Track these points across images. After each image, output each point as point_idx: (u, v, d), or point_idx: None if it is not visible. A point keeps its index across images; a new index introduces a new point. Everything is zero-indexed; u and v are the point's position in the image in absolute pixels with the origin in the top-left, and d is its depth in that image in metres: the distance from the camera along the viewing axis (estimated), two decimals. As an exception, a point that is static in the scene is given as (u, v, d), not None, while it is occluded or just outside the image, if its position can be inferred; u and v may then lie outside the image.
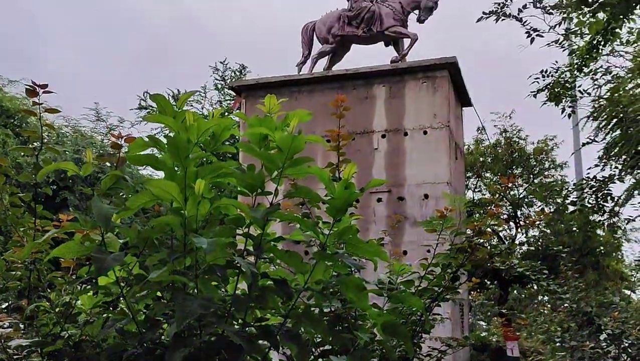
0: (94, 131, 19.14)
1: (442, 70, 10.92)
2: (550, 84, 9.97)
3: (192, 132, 1.98)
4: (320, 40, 12.37)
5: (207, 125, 2.02)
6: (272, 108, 2.33)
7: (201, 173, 2.00)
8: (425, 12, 11.72)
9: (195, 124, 2.01)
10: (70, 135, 16.27)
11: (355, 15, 11.96)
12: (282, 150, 1.98)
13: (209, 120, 2.24)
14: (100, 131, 19.70)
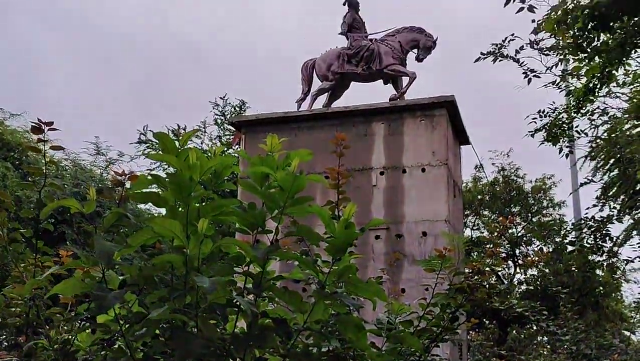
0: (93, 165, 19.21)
1: (440, 108, 11.04)
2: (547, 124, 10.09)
3: (194, 170, 2.02)
4: (320, 77, 12.53)
5: (210, 163, 2.06)
6: (273, 148, 2.37)
7: (203, 211, 2.02)
8: (424, 51, 11.91)
9: (197, 163, 2.04)
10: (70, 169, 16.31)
11: (354, 53, 12.15)
12: (284, 189, 2.00)
13: (211, 158, 2.27)
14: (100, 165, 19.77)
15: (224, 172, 2.35)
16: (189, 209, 1.96)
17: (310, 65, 12.68)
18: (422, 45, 11.86)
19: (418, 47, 11.95)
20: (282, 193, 2.01)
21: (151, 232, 1.97)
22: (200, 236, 1.89)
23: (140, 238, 1.99)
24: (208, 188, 2.34)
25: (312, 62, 12.66)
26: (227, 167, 2.32)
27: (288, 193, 1.98)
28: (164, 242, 2.18)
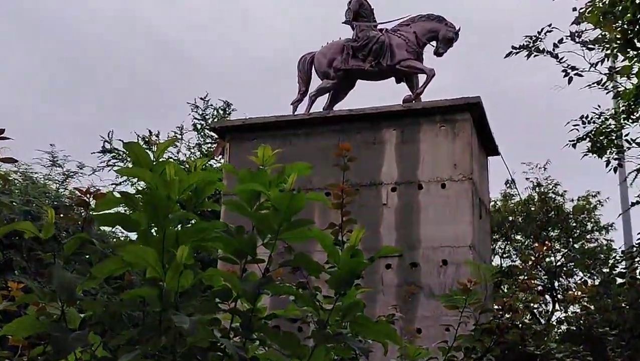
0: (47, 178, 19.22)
1: (463, 112, 11.10)
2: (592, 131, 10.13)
3: (172, 188, 2.04)
4: (320, 74, 12.60)
5: (191, 179, 2.08)
6: (265, 160, 2.39)
7: (182, 236, 2.04)
8: (444, 44, 12.00)
9: (176, 178, 2.06)
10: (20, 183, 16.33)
11: (361, 46, 12.22)
12: (278, 210, 2.02)
13: (192, 173, 2.30)
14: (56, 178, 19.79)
15: (207, 190, 2.37)
16: (166, 234, 1.98)
17: (309, 61, 12.76)
18: (442, 36, 11.95)
19: (437, 39, 12.04)
20: (277, 214, 2.03)
21: (120, 261, 1.99)
22: (179, 266, 1.91)
23: (107, 269, 2.01)
24: (188, 208, 2.36)
25: (311, 57, 12.74)
26: (211, 183, 2.34)
27: (284, 215, 2.00)
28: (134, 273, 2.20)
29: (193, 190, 2.26)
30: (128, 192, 2.23)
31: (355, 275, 2.09)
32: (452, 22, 12.13)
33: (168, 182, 2.03)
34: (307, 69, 12.77)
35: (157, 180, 2.03)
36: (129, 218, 2.12)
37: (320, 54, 12.63)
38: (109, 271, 2.02)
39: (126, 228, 2.20)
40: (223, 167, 2.74)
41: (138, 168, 2.13)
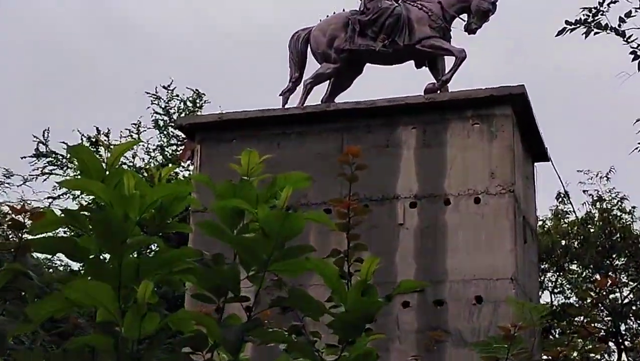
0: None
1: (503, 105, 11.12)
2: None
3: (131, 205, 2.04)
4: (318, 56, 12.63)
5: (156, 194, 2.09)
6: (251, 169, 2.40)
7: (144, 267, 2.05)
8: (478, 18, 12.03)
9: (136, 193, 2.07)
10: None
11: (371, 20, 12.26)
12: (268, 235, 2.03)
13: (157, 186, 2.30)
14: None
15: (175, 207, 2.38)
16: (123, 264, 1.98)
17: (303, 39, 12.79)
18: (475, 8, 11.99)
19: (469, 12, 12.08)
20: (266, 240, 2.03)
21: (63, 299, 1.99)
22: (142, 307, 1.91)
23: (46, 309, 2.01)
24: (150, 231, 2.37)
25: (306, 34, 12.78)
26: (180, 199, 2.35)
27: (275, 241, 2.01)
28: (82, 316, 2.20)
29: (157, 208, 2.27)
30: (73, 210, 2.23)
31: (368, 318, 2.09)
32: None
33: (126, 197, 2.03)
34: (301, 49, 12.79)
35: (111, 194, 2.03)
36: (75, 244, 2.12)
37: (318, 31, 12.66)
38: (48, 312, 2.01)
39: (71, 256, 2.21)
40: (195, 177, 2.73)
41: (87, 180, 2.14)
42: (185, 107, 23.26)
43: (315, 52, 12.67)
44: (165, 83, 23.56)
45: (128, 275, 2.01)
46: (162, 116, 23.15)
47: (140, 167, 21.74)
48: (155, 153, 22.84)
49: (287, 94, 12.64)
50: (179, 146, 22.09)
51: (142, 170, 21.07)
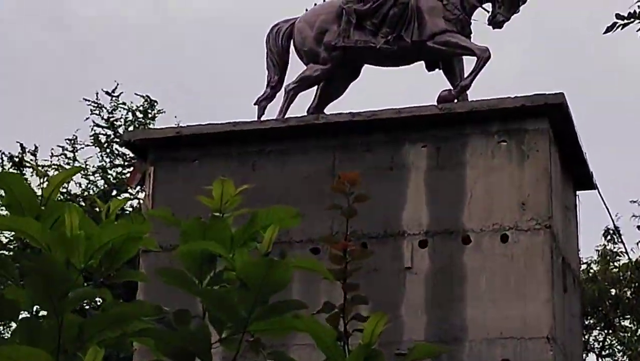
0: None
1: (537, 118, 11.18)
2: None
3: (75, 249, 2.05)
4: (304, 55, 12.67)
5: (107, 235, 2.09)
6: (226, 203, 2.41)
7: (90, 327, 2.05)
8: (507, 8, 12.09)
9: (81, 234, 2.08)
10: None
11: (371, 10, 12.32)
12: (249, 287, 2.04)
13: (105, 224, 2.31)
14: None
15: (128, 250, 2.38)
16: (64, 322, 1.98)
17: (285, 34, 12.82)
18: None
19: (494, 1, 12.14)
20: (245, 293, 2.04)
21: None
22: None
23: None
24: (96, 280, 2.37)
25: (289, 27, 12.82)
26: (134, 240, 2.35)
27: (257, 295, 2.02)
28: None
29: (107, 252, 2.27)
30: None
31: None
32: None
33: (68, 238, 2.04)
34: (282, 46, 12.83)
35: (50, 235, 2.04)
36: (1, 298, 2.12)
37: (303, 23, 12.69)
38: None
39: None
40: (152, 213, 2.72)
41: (17, 217, 2.14)
42: (134, 118, 23.24)
43: (299, 49, 12.70)
44: (108, 87, 23.55)
45: (69, 338, 2.01)
46: (105, 130, 23.11)
47: (77, 195, 21.65)
48: (96, 177, 22.79)
49: (264, 103, 12.65)
50: (126, 168, 22.05)
51: (79, 199, 20.98)
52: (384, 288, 10.76)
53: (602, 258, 21.12)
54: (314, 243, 10.91)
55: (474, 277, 10.84)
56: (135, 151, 12.82)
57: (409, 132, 11.48)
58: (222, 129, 11.96)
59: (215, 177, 2.61)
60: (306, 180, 11.23)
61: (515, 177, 11.06)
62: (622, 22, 9.00)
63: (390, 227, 11.19)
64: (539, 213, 10.87)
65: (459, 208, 11.11)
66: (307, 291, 9.85)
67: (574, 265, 12.68)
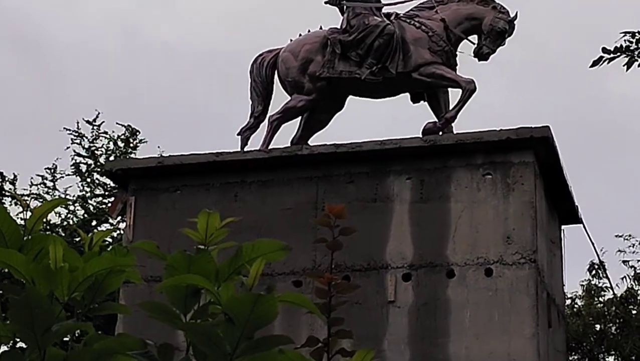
0: None
1: (523, 151, 11.21)
2: None
3: (59, 282, 2.05)
4: (288, 85, 12.69)
5: (92, 268, 2.09)
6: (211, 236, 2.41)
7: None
8: (492, 40, 12.16)
9: (65, 266, 2.08)
10: None
11: (356, 40, 12.35)
12: (235, 321, 2.04)
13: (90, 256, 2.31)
14: None
15: (112, 283, 2.39)
16: (47, 357, 1.98)
17: (269, 63, 12.84)
18: (488, 28, 12.14)
19: (479, 32, 12.23)
20: (231, 328, 2.04)
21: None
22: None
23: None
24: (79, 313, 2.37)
25: (273, 57, 12.84)
26: (118, 273, 2.36)
27: (242, 329, 2.02)
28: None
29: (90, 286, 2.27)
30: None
31: None
32: (504, 5, 12.34)
33: (52, 271, 2.04)
34: (266, 76, 12.85)
35: (33, 268, 2.04)
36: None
37: (288, 53, 12.72)
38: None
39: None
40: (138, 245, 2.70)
41: (1, 249, 2.14)
42: (115, 147, 23.22)
43: (284, 79, 12.72)
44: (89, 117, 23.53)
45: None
46: (86, 159, 23.08)
47: (56, 225, 21.58)
48: (76, 207, 22.73)
49: (248, 133, 12.65)
50: (107, 198, 22.00)
51: (58, 229, 20.91)
52: (367, 321, 10.74)
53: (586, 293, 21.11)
54: (296, 275, 10.89)
55: (458, 311, 10.83)
56: (116, 181, 12.81)
57: (393, 164, 11.50)
58: (204, 160, 11.95)
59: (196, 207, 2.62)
60: (289, 212, 11.22)
61: (500, 210, 11.08)
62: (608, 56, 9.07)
63: (373, 259, 11.18)
64: (524, 247, 10.88)
65: (443, 242, 11.11)
66: (288, 324, 9.83)
67: (558, 300, 12.69)
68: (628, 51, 9.07)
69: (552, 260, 12.24)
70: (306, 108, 12.55)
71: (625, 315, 20.02)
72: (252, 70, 12.91)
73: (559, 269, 12.93)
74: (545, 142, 11.22)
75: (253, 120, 12.71)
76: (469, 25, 12.31)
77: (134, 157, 20.65)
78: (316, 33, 12.76)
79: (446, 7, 12.40)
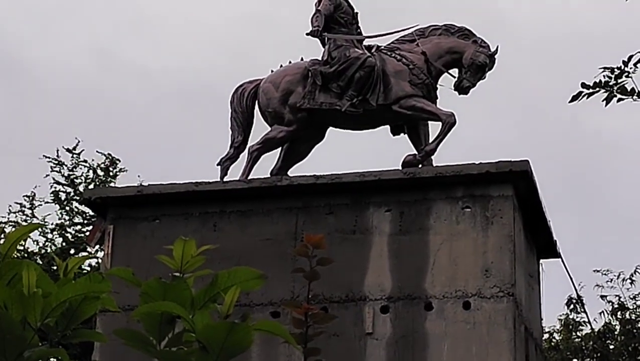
0: None
1: (502, 184, 11.25)
2: None
3: (32, 307, 2.03)
4: (268, 116, 12.70)
5: (65, 293, 2.08)
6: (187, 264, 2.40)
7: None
8: (473, 73, 12.22)
9: (38, 292, 2.06)
10: None
11: (337, 72, 12.37)
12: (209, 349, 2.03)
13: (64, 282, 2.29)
14: None
15: (86, 310, 2.37)
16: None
17: (250, 94, 12.85)
18: (469, 61, 12.20)
19: (460, 66, 12.28)
20: (205, 355, 2.03)
21: None
22: None
23: None
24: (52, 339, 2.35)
25: (254, 88, 12.85)
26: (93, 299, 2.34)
27: (217, 358, 2.01)
28: None
29: (64, 311, 2.26)
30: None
31: None
32: (484, 39, 12.39)
33: (25, 297, 2.02)
34: (246, 106, 12.86)
35: (6, 293, 2.02)
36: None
37: (269, 84, 12.73)
38: None
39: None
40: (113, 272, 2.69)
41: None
42: (94, 176, 23.19)
43: (264, 110, 12.73)
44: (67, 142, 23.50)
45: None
46: (65, 187, 23.04)
47: (34, 252, 21.52)
48: (54, 235, 22.67)
49: (228, 163, 12.65)
50: (86, 226, 21.94)
51: (36, 257, 20.84)
52: (345, 353, 10.71)
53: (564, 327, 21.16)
54: (274, 306, 10.86)
55: (436, 344, 10.82)
56: (95, 209, 12.76)
57: (373, 196, 11.51)
58: (184, 189, 11.94)
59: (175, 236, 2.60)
60: (268, 242, 11.21)
61: (479, 243, 11.09)
62: (587, 91, 9.11)
63: (352, 291, 11.16)
64: (502, 281, 10.89)
65: (422, 274, 11.11)
66: (266, 355, 9.80)
67: (536, 334, 12.69)
68: (607, 86, 9.11)
69: (530, 293, 12.25)
70: (286, 139, 12.56)
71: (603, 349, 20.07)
72: (232, 100, 12.92)
73: (537, 303, 12.94)
74: (524, 176, 11.26)
75: (233, 150, 12.71)
76: (449, 59, 12.35)
77: (114, 186, 20.65)
78: (297, 64, 12.78)
79: (427, 40, 12.45)
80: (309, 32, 12.79)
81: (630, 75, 9.11)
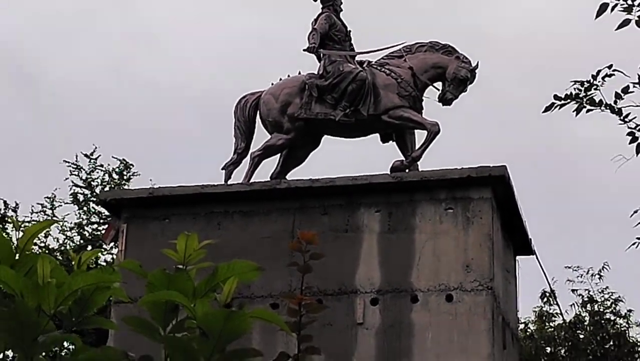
0: None
1: (481, 188, 11.24)
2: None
3: (46, 296, 2.02)
4: (268, 125, 12.70)
5: (75, 283, 2.07)
6: (189, 256, 2.39)
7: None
8: (455, 86, 12.23)
9: (52, 282, 2.05)
10: None
11: (331, 85, 12.38)
12: (208, 335, 2.02)
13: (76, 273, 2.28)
14: None
15: (97, 299, 2.37)
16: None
17: (252, 105, 12.85)
18: (452, 75, 12.20)
19: (444, 80, 12.28)
20: (205, 341, 2.02)
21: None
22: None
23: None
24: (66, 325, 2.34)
25: (255, 99, 12.85)
26: (104, 289, 2.33)
27: (216, 342, 2.00)
28: None
29: (76, 299, 2.25)
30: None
31: None
32: (466, 55, 12.40)
33: (40, 286, 2.01)
34: (248, 116, 12.86)
35: (22, 283, 2.01)
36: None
37: (269, 95, 12.73)
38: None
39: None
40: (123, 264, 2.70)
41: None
42: (110, 179, 23.17)
43: (265, 119, 12.73)
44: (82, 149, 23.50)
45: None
46: (83, 189, 23.03)
47: (54, 249, 21.50)
48: (73, 233, 22.66)
49: (231, 168, 12.65)
50: (101, 225, 21.92)
51: (56, 253, 20.83)
52: (337, 341, 10.71)
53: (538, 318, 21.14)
54: (273, 298, 10.84)
55: (421, 333, 10.81)
56: (110, 209, 12.74)
57: (363, 198, 11.51)
58: (191, 191, 11.94)
59: (183, 234, 2.60)
60: (268, 240, 11.19)
61: (460, 241, 11.09)
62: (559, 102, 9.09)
63: (344, 284, 11.15)
64: (482, 275, 10.88)
65: (408, 269, 11.10)
66: (265, 342, 9.77)
67: (512, 324, 12.68)
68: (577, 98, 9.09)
69: (507, 287, 12.24)
70: (285, 146, 12.57)
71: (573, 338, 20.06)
72: (236, 111, 12.95)
73: (514, 296, 12.93)
74: (502, 180, 11.26)
75: (236, 156, 12.73)
76: (434, 73, 12.36)
77: (127, 188, 20.65)
78: (295, 78, 12.79)
79: (414, 56, 12.47)
80: (306, 48, 12.81)
81: (599, 88, 9.10)
